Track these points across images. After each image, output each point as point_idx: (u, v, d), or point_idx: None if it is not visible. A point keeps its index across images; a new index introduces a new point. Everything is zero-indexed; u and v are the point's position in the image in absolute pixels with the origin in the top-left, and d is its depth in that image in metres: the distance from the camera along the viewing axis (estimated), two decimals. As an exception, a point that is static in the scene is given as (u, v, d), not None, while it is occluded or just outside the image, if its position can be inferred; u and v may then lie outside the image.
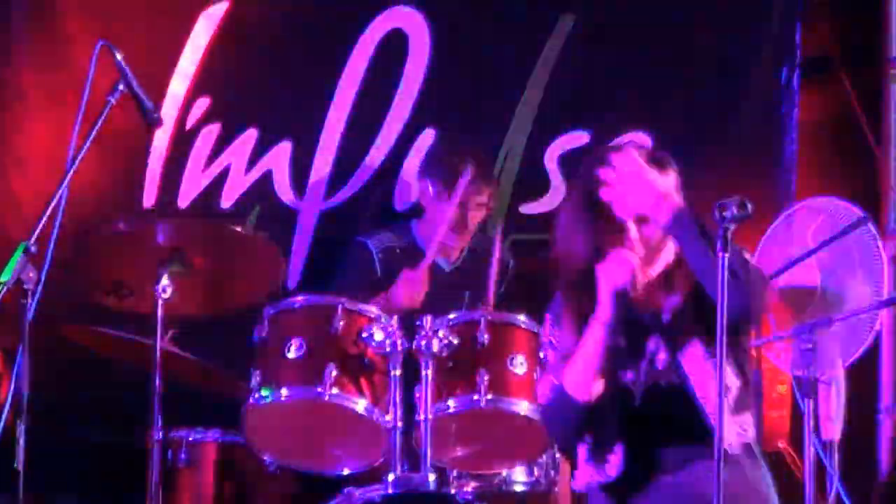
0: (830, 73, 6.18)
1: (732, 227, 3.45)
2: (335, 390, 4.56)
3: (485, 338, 4.65)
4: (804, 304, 5.26)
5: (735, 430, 3.65)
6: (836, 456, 5.32)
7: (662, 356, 3.71)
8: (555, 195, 6.18)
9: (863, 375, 5.41)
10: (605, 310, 3.64)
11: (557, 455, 4.96)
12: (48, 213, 4.42)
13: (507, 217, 6.17)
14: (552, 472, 4.96)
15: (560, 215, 3.83)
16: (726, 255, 3.44)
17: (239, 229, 5.09)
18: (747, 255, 3.64)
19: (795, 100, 6.18)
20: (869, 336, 5.21)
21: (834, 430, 5.36)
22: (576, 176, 3.91)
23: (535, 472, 4.94)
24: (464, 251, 5.64)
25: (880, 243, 5.19)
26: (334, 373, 4.55)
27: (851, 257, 5.20)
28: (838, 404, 5.32)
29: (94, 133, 4.58)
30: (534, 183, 6.21)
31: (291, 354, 4.61)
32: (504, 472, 4.91)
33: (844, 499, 5.35)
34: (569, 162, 6.16)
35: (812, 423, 4.99)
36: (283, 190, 6.19)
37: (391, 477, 4.55)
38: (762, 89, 6.20)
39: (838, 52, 6.16)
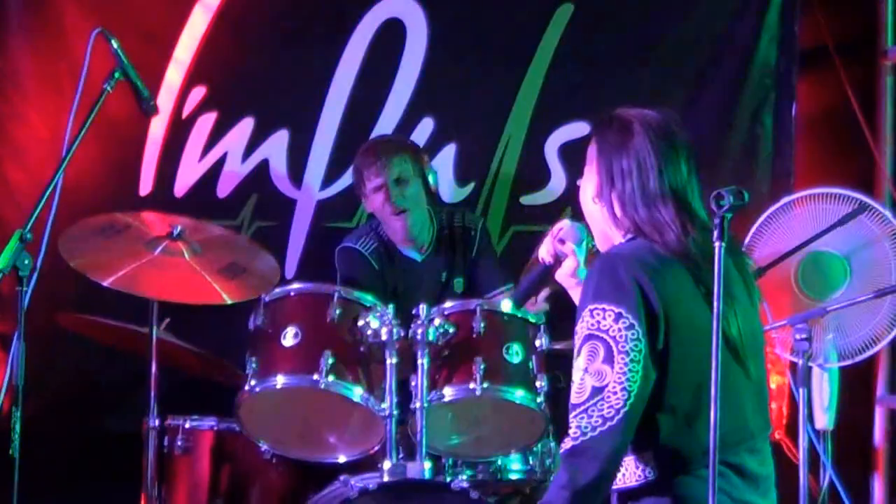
0: (826, 65, 6.17)
1: (729, 216, 3.45)
2: (331, 378, 4.56)
3: (480, 326, 4.64)
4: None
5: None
6: (830, 445, 5.34)
7: None
8: (555, 186, 6.19)
9: (858, 365, 5.41)
10: None
11: (553, 443, 4.97)
12: (44, 201, 4.43)
13: (508, 209, 6.20)
14: (548, 461, 4.96)
15: None
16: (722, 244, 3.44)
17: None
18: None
19: (793, 91, 6.18)
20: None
21: (828, 419, 5.38)
22: None
23: (531, 461, 4.94)
24: (432, 238, 5.63)
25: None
26: (330, 361, 4.55)
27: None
28: (831, 394, 5.34)
29: (90, 121, 4.58)
30: (534, 174, 6.21)
31: (287, 342, 4.61)
32: (500, 461, 4.92)
33: (838, 488, 5.37)
34: (569, 153, 6.16)
35: (806, 412, 5.01)
36: (281, 179, 6.19)
37: (387, 465, 4.55)
38: (761, 80, 6.19)
39: (834, 44, 6.15)
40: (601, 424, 3.41)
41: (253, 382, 4.63)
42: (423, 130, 6.18)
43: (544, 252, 3.82)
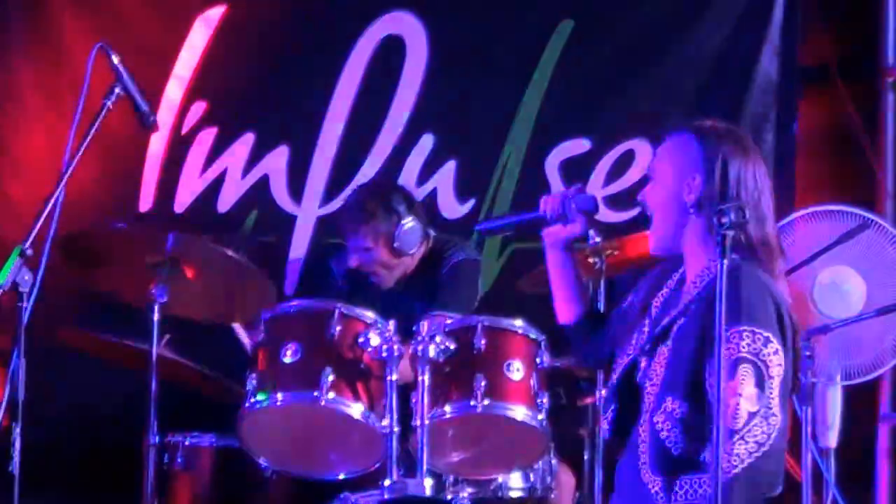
0: (827, 81, 6.17)
1: (731, 233, 3.45)
2: (331, 395, 4.52)
3: (482, 343, 4.62)
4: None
5: None
6: (833, 463, 5.32)
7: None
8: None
9: (861, 383, 5.40)
10: None
11: (554, 461, 4.94)
12: (44, 216, 4.41)
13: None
14: (548, 478, 4.94)
15: None
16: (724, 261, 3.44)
17: (230, 253, 5.04)
18: None
19: (795, 108, 6.18)
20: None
21: (830, 437, 5.36)
22: None
23: (532, 478, 4.92)
24: (408, 273, 5.61)
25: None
26: (331, 377, 4.52)
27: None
28: (835, 412, 5.32)
29: (90, 136, 4.56)
30: (534, 190, 6.17)
31: (287, 359, 4.57)
32: (500, 478, 4.89)
33: (841, 506, 5.36)
34: (570, 169, 6.15)
35: (809, 429, 4.99)
36: (281, 195, 6.18)
37: (387, 482, 4.52)
38: (763, 98, 6.19)
39: (835, 61, 6.14)
40: (756, 450, 3.46)
41: (253, 399, 4.60)
42: (424, 147, 6.18)
43: (550, 206, 3.79)
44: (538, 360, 4.68)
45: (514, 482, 4.93)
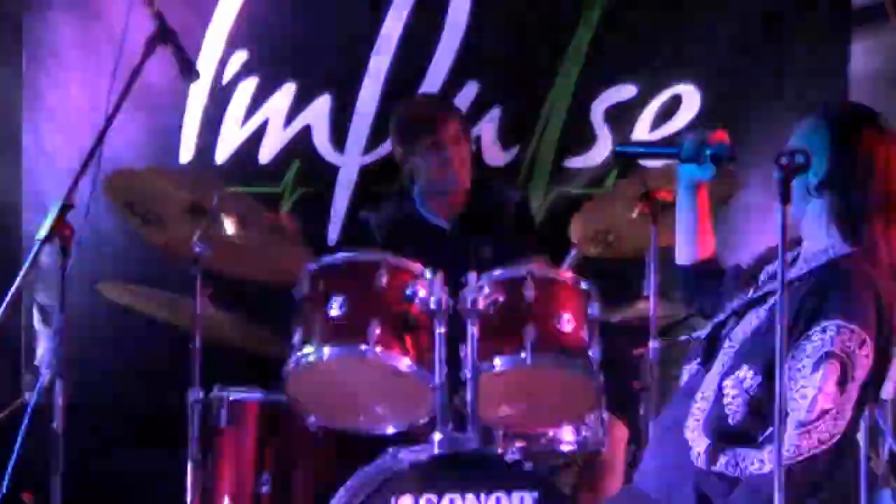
0: (882, 21, 6.07)
1: (793, 176, 3.37)
2: (379, 348, 4.47)
3: (531, 295, 4.54)
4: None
5: None
6: (890, 414, 5.24)
7: None
8: (600, 149, 6.13)
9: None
10: None
11: (606, 415, 4.87)
12: (85, 169, 4.37)
13: (552, 171, 6.15)
14: (600, 432, 4.87)
15: None
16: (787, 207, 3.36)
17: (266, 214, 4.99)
18: None
19: (848, 52, 6.10)
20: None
21: (885, 388, 5.27)
22: None
23: (584, 432, 4.86)
24: (465, 205, 5.52)
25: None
26: (378, 331, 4.46)
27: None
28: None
29: (130, 87, 4.51)
30: (579, 137, 6.16)
31: (334, 312, 4.52)
32: (551, 433, 4.83)
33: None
34: (615, 115, 6.11)
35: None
36: (323, 145, 6.14)
37: (437, 437, 4.46)
38: (815, 39, 6.12)
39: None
40: (816, 447, 3.42)
41: (299, 353, 4.55)
42: (467, 95, 6.14)
43: (686, 146, 3.75)
44: (589, 311, 4.60)
45: (566, 436, 4.86)
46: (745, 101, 5.98)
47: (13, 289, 4.24)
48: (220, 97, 6.11)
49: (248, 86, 6.12)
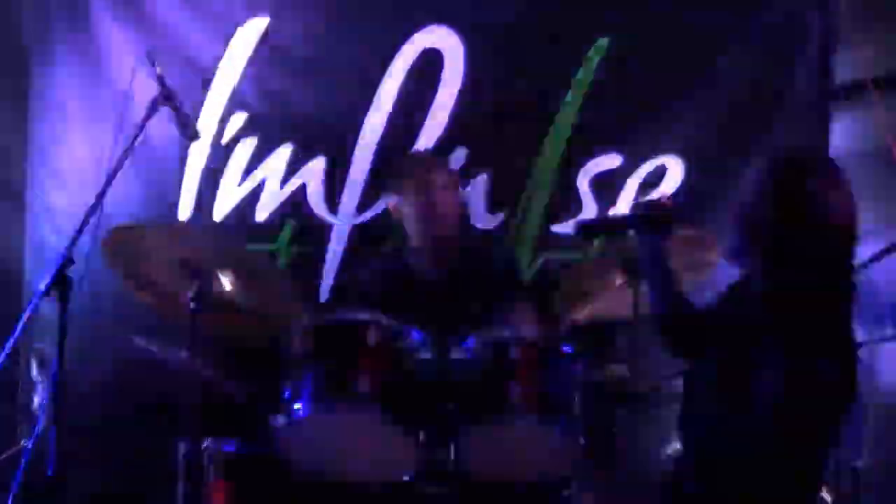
0: (864, 98, 6.14)
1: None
2: (366, 406, 4.55)
3: (516, 356, 4.64)
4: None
5: None
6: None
7: None
8: (586, 216, 6.20)
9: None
10: None
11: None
12: (86, 224, 4.47)
13: (539, 237, 6.22)
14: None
15: None
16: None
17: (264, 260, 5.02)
18: None
19: (829, 126, 6.17)
20: None
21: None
22: None
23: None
24: (454, 257, 5.58)
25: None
26: (366, 388, 4.55)
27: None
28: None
29: (132, 146, 4.62)
30: (566, 203, 6.21)
31: (324, 369, 4.61)
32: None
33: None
34: (601, 184, 6.18)
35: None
36: (318, 204, 6.23)
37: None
38: (796, 115, 6.18)
39: (872, 77, 6.11)
40: None
41: (289, 409, 4.63)
42: (457, 159, 6.20)
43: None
44: (573, 371, 4.71)
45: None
46: (727, 174, 5.99)
47: (13, 339, 4.34)
48: (219, 156, 6.21)
49: (247, 145, 6.23)
